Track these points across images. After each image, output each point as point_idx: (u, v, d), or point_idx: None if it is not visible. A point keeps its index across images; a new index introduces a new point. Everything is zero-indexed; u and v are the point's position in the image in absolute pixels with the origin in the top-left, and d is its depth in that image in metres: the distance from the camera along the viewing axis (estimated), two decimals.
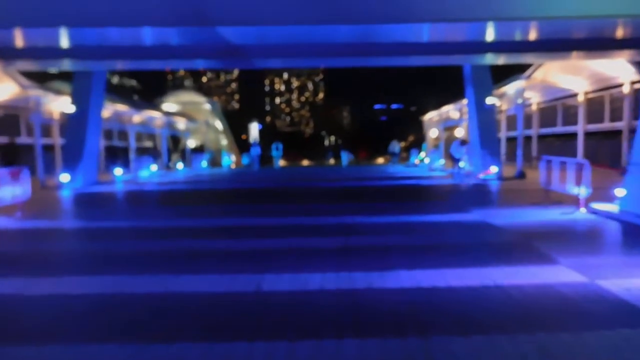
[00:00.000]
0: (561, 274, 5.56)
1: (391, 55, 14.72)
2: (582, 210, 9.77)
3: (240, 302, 4.85)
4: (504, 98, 25.68)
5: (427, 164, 28.53)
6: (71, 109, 18.13)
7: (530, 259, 6.28)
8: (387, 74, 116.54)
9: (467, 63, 18.88)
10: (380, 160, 53.78)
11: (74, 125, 18.22)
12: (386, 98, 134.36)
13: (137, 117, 33.13)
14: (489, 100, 19.09)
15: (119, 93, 49.39)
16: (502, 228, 8.40)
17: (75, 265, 6.59)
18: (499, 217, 9.37)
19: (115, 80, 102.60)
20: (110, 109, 27.79)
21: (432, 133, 42.07)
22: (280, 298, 4.96)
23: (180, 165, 30.58)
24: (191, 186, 18.73)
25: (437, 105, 40.83)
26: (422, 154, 32.78)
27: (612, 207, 9.43)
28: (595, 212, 9.61)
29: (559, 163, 10.94)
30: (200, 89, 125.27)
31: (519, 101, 19.17)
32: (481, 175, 18.06)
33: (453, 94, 34.56)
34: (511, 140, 28.18)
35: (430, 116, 44.07)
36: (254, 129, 65.41)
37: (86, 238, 8.73)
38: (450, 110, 34.66)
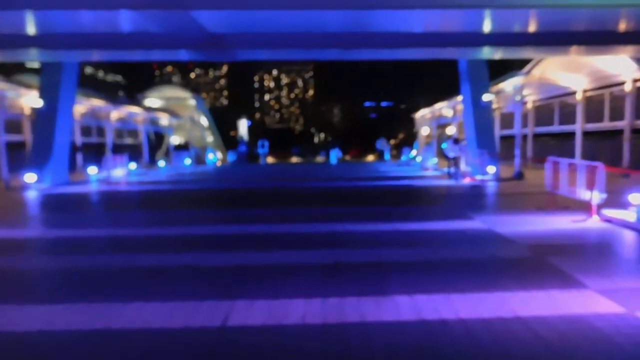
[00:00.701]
0: (592, 302, 4.67)
1: (383, 47, 13.88)
2: (595, 218, 8.86)
3: (199, 346, 3.81)
4: (499, 95, 24.89)
5: (419, 162, 27.62)
6: (39, 103, 16.84)
7: (551, 280, 5.35)
8: (378, 71, 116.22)
9: (463, 57, 18.07)
10: (371, 157, 53.09)
11: (42, 121, 17.00)
12: (377, 95, 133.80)
13: (116, 113, 31.77)
14: (486, 97, 18.22)
15: (102, 88, 47.85)
16: (511, 239, 7.46)
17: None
18: (505, 225, 8.44)
19: (100, 75, 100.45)
20: (86, 104, 26.43)
21: (424, 131, 41.33)
22: (251, 337, 4.00)
23: (161, 163, 29.29)
24: (168, 187, 17.52)
25: (429, 103, 40.08)
26: (414, 152, 31.96)
27: (627, 215, 8.52)
28: (609, 220, 8.71)
29: (567, 165, 10.03)
30: (189, 85, 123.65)
31: (517, 98, 18.32)
32: (478, 177, 17.15)
33: (445, 92, 33.80)
34: (505, 139, 27.41)
35: (423, 113, 43.28)
36: (243, 125, 64.33)
37: (26, 251, 7.48)
38: (444, 108, 33.87)
